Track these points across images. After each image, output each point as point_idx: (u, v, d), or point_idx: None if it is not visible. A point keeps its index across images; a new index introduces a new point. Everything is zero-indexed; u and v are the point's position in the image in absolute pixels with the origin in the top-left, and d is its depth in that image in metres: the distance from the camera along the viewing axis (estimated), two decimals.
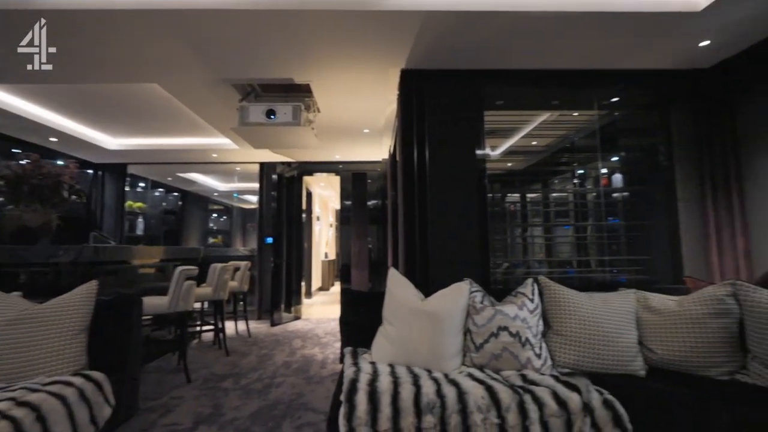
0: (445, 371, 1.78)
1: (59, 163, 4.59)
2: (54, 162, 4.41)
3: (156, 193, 7.72)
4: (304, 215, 6.63)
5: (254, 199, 8.32)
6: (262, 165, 6.07)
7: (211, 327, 4.07)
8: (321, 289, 9.73)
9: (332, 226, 12.18)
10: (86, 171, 5.77)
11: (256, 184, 6.20)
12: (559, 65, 2.79)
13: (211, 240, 9.59)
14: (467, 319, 1.93)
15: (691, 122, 2.86)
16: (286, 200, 6.07)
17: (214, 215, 9.95)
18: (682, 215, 2.83)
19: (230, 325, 4.87)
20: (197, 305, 4.32)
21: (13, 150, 4.54)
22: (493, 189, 3.47)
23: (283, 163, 5.96)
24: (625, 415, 1.47)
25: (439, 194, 2.69)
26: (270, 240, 5.94)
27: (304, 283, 6.88)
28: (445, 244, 2.65)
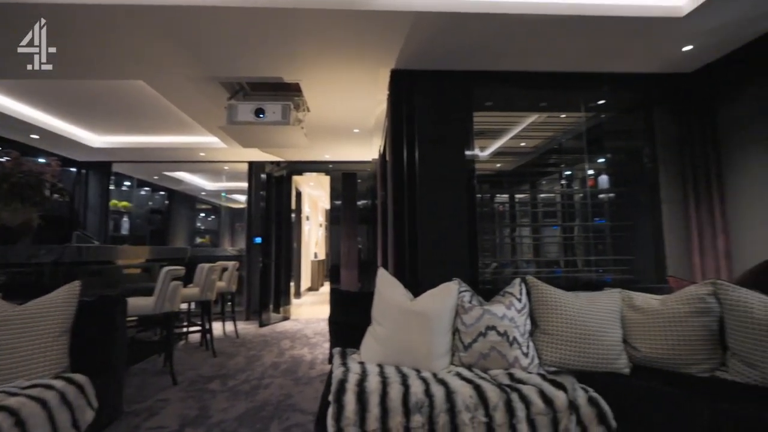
0: (434, 371, 1.78)
1: (41, 160, 4.49)
2: (35, 160, 4.30)
3: (142, 192, 7.58)
4: (293, 215, 6.59)
5: (243, 198, 8.23)
6: (250, 164, 6.02)
7: (198, 328, 4.02)
8: (310, 290, 9.69)
9: (322, 225, 12.14)
10: (69, 169, 5.65)
11: (245, 184, 6.14)
12: (547, 67, 2.82)
13: (198, 240, 9.46)
14: (456, 319, 1.94)
15: (674, 125, 2.93)
16: (275, 200, 6.02)
17: (202, 215, 9.82)
18: (666, 216, 2.90)
19: (218, 326, 4.82)
20: (184, 306, 4.27)
21: None
22: (482, 189, 3.50)
23: (272, 163, 5.91)
24: (609, 412, 1.50)
25: (429, 194, 2.70)
26: (259, 240, 5.89)
27: (293, 284, 6.84)
28: (435, 244, 2.66)
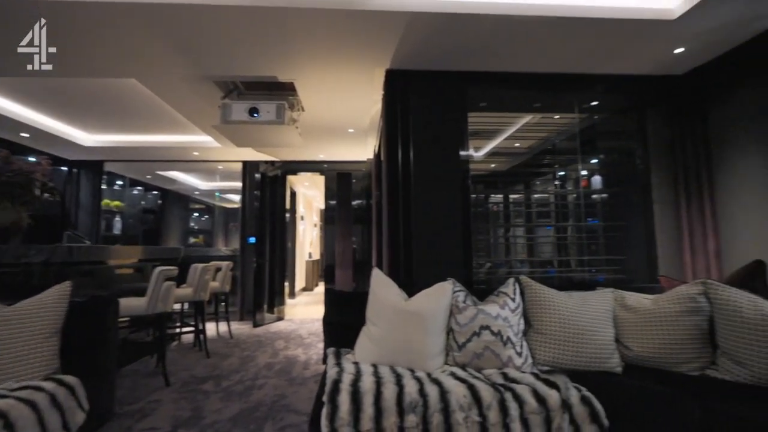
0: (428, 370, 1.79)
1: (31, 159, 4.43)
2: (25, 158, 4.24)
3: (134, 192, 7.51)
4: (287, 215, 6.57)
5: (237, 198, 8.19)
6: (244, 164, 5.99)
7: (192, 328, 3.99)
8: (305, 290, 9.66)
9: (317, 225, 12.11)
10: (60, 168, 5.58)
11: (239, 183, 6.10)
12: (541, 69, 2.84)
13: (192, 240, 9.39)
14: (450, 319, 1.95)
15: (666, 126, 2.96)
16: (270, 199, 6.00)
17: (196, 214, 9.74)
18: (658, 217, 2.93)
19: (211, 326, 4.79)
20: (177, 306, 4.24)
21: None
22: (477, 190, 3.51)
23: (266, 162, 5.89)
24: (602, 410, 1.51)
25: (423, 195, 2.70)
26: (253, 240, 5.86)
27: (287, 284, 6.82)
28: (429, 244, 2.66)
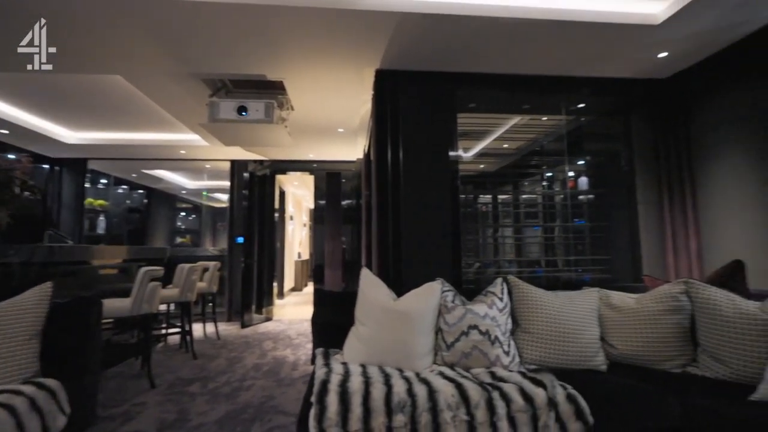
0: (417, 370, 1.79)
1: (11, 156, 4.31)
2: (5, 156, 4.13)
3: (119, 190, 7.36)
4: (276, 214, 6.51)
5: (225, 197, 8.08)
6: (233, 163, 5.92)
7: (178, 330, 3.93)
8: (294, 290, 9.60)
9: (306, 225, 12.04)
10: (42, 166, 5.43)
11: (227, 182, 6.03)
12: (529, 71, 2.87)
13: (178, 239, 9.24)
14: (439, 318, 1.96)
15: (649, 129, 3.02)
16: (258, 199, 5.94)
17: (182, 214, 9.59)
18: (642, 217, 2.99)
19: (198, 327, 4.73)
20: (163, 307, 4.16)
21: None
22: (466, 190, 3.54)
23: (255, 161, 5.83)
24: (587, 408, 1.54)
25: (413, 195, 2.71)
26: (241, 240, 5.80)
27: (276, 284, 6.76)
28: (418, 244, 2.67)
